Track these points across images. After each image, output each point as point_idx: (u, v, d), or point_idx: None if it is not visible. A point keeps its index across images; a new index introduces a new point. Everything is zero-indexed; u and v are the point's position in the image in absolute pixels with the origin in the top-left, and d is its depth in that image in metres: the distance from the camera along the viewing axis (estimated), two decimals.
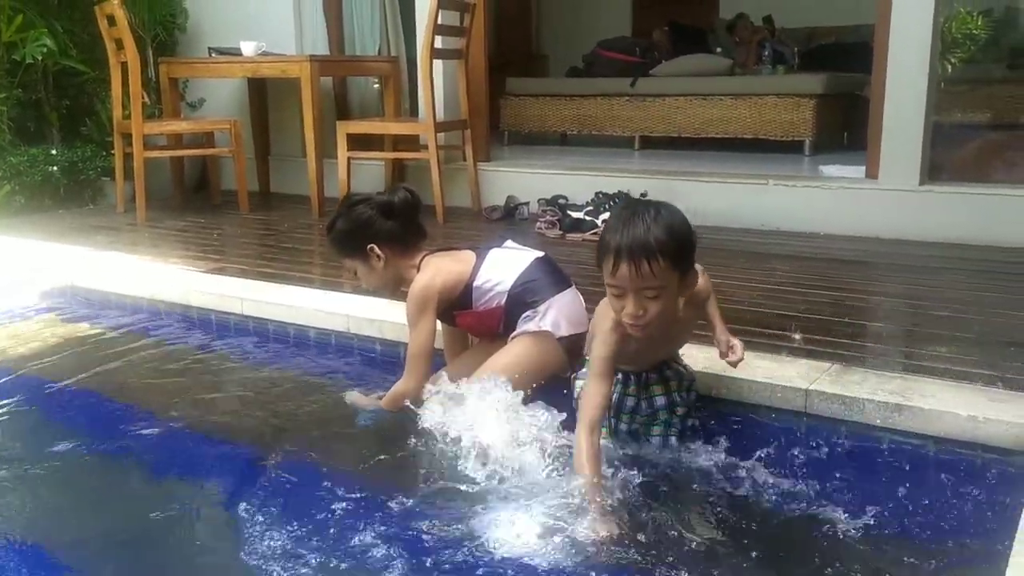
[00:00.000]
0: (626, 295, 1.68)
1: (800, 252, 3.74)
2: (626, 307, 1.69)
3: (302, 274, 3.47)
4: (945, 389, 2.05)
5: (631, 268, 1.64)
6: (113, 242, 4.09)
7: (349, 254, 2.34)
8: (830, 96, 5.64)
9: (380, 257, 2.28)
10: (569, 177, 4.74)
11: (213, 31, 5.75)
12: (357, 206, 2.30)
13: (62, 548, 1.73)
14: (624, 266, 1.65)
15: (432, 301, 2.23)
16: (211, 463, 2.17)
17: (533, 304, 2.21)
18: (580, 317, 2.25)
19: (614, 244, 1.65)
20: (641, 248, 1.64)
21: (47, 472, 2.05)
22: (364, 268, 2.33)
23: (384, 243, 2.28)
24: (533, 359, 2.20)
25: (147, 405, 2.46)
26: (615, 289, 1.69)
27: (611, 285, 1.69)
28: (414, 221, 2.33)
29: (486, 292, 2.26)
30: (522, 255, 2.33)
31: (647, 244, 1.65)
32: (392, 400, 2.27)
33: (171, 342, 3.00)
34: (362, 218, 2.27)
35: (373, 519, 1.82)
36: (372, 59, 5.62)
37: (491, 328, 2.31)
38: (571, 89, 6.46)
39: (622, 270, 1.65)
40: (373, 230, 2.27)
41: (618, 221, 1.71)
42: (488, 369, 2.18)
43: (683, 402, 2.05)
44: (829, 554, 1.63)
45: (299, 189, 5.29)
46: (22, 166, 4.95)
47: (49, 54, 5.01)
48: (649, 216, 1.68)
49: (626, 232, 1.65)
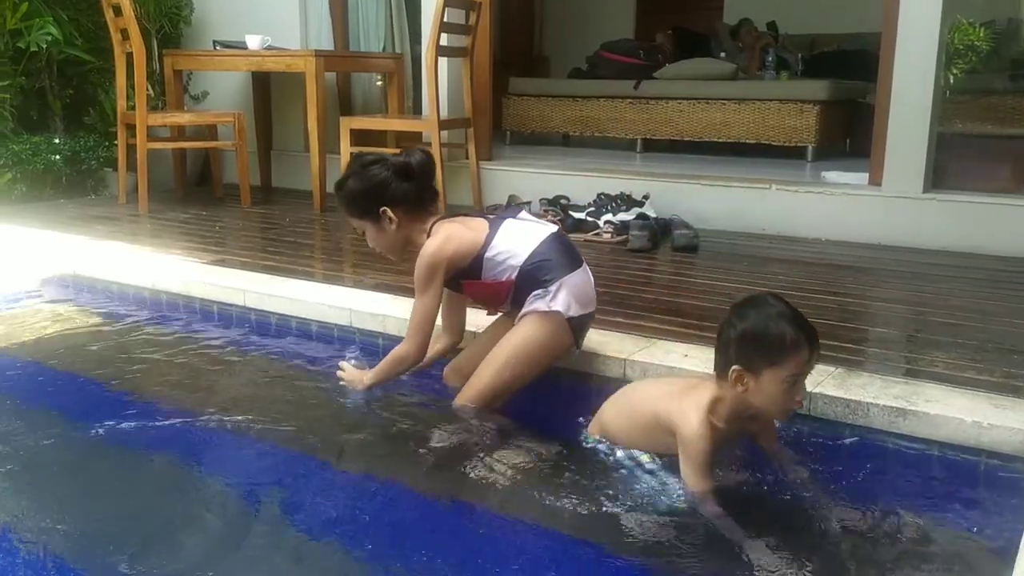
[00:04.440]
0: (799, 382, 1.77)
1: (802, 257, 3.75)
2: (798, 393, 1.77)
3: (304, 268, 3.46)
4: (950, 394, 2.05)
5: (815, 355, 1.76)
6: (115, 232, 4.08)
7: (359, 215, 2.26)
8: (833, 102, 5.65)
9: (392, 220, 2.22)
10: (571, 178, 4.74)
11: (218, 24, 5.74)
12: (372, 166, 2.22)
13: (60, 538, 1.72)
14: (816, 354, 1.76)
15: (441, 267, 2.18)
16: (211, 452, 2.17)
17: (545, 283, 2.17)
18: (590, 297, 2.25)
19: (805, 336, 1.73)
20: (817, 335, 1.77)
21: (43, 459, 2.05)
22: (374, 230, 2.26)
23: (398, 206, 2.21)
24: (542, 340, 2.18)
25: (147, 394, 2.46)
26: (794, 377, 1.75)
27: (794, 374, 1.74)
28: (429, 184, 2.27)
29: (497, 264, 2.20)
30: (538, 229, 2.27)
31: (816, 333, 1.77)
32: (392, 365, 2.24)
33: (172, 332, 3.00)
34: (377, 179, 2.20)
35: (377, 508, 1.82)
36: (377, 55, 5.61)
37: (497, 300, 2.27)
38: (574, 90, 6.46)
39: (814, 359, 1.76)
40: (388, 192, 2.20)
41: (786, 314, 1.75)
42: (500, 350, 2.19)
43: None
44: (827, 554, 1.64)
45: (301, 184, 5.28)
46: (24, 154, 4.94)
47: (54, 43, 4.99)
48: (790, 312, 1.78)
49: (804, 324, 1.75)
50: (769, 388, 1.75)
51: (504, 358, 2.19)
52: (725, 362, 1.79)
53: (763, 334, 1.74)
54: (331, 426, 2.29)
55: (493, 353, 2.20)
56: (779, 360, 1.73)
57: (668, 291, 3.21)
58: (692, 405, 1.82)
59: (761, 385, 1.75)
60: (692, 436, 1.79)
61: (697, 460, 1.79)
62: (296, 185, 5.47)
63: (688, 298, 3.06)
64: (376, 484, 1.97)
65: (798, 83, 5.94)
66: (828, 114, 5.57)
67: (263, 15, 5.51)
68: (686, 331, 2.58)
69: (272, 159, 5.75)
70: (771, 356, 1.73)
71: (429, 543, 1.69)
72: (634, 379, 2.30)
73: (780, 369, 1.73)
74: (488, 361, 2.21)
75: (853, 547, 1.67)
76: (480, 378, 2.21)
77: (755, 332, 1.75)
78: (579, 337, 2.26)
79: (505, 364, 2.18)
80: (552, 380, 2.36)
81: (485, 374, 2.20)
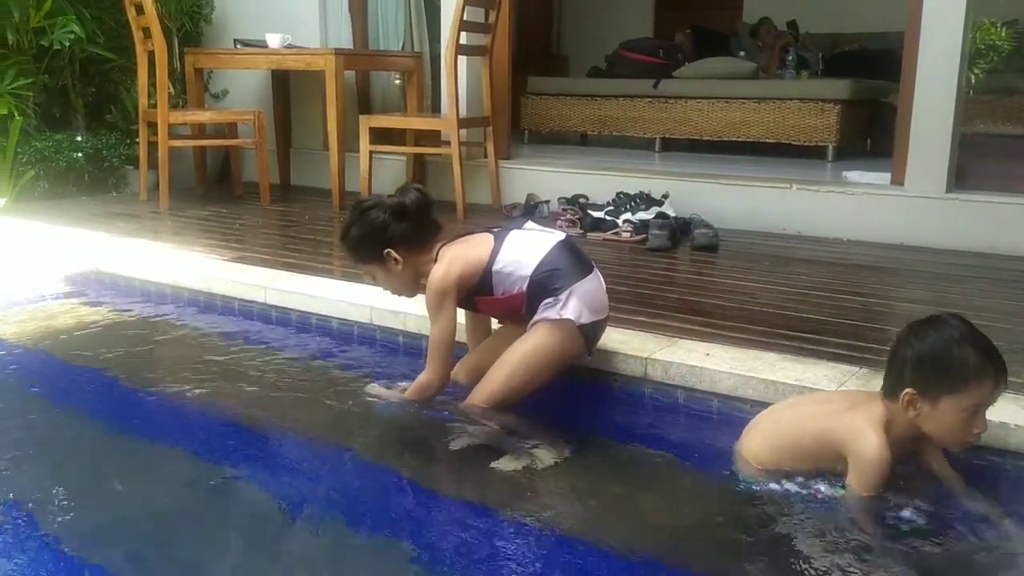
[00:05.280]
0: (980, 412, 1.70)
1: (823, 257, 3.73)
2: (978, 424, 1.70)
3: (323, 265, 3.47)
4: None
5: (1004, 385, 1.69)
6: (136, 229, 4.11)
7: (366, 259, 2.31)
8: (854, 102, 5.61)
9: (398, 260, 2.24)
10: (590, 177, 4.73)
11: (239, 23, 5.77)
12: (370, 211, 2.25)
13: (77, 532, 1.73)
14: (1002, 385, 1.69)
15: (451, 291, 2.20)
16: (231, 447, 2.17)
17: (555, 291, 2.17)
18: (602, 303, 2.25)
19: (992, 365, 1.66)
20: (1005, 366, 1.69)
21: (64, 454, 2.06)
22: (382, 272, 2.30)
23: (400, 245, 2.24)
24: (553, 348, 2.18)
25: (168, 390, 2.47)
26: (975, 407, 1.68)
27: (975, 404, 1.68)
28: (428, 219, 2.28)
29: (506, 277, 2.21)
30: (544, 238, 2.27)
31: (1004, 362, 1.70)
32: (416, 392, 2.26)
33: (193, 328, 3.01)
34: (376, 223, 2.23)
35: (394, 505, 1.82)
36: (396, 54, 5.62)
37: (514, 312, 2.27)
38: (593, 89, 6.45)
39: (1000, 389, 1.69)
40: (388, 234, 2.23)
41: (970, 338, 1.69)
42: (512, 356, 2.19)
43: None
44: (850, 556, 1.62)
45: (320, 182, 5.30)
46: (47, 151, 4.98)
47: (77, 41, 5.03)
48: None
49: (991, 351, 1.68)
50: (946, 417, 1.67)
51: (515, 364, 2.19)
52: (897, 383, 1.71)
53: (944, 359, 1.65)
54: (351, 425, 2.29)
55: (504, 358, 2.20)
56: (960, 388, 1.64)
57: (689, 290, 3.19)
58: (866, 423, 1.72)
59: (937, 413, 1.68)
60: (874, 458, 1.69)
61: (873, 482, 1.70)
62: (315, 183, 5.49)
63: (709, 297, 3.04)
64: (395, 479, 1.97)
65: (819, 82, 5.90)
66: (849, 113, 5.53)
67: (283, 14, 5.53)
68: (708, 330, 2.57)
69: (291, 157, 5.78)
70: (951, 384, 1.65)
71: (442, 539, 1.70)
72: (656, 377, 2.29)
73: (961, 398, 1.65)
74: (499, 365, 2.21)
75: (872, 547, 1.65)
76: (491, 381, 2.21)
77: (935, 356, 1.67)
78: (591, 343, 2.25)
79: (515, 370, 2.19)
80: (573, 379, 2.36)
81: (496, 378, 2.20)
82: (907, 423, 1.72)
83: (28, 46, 5.01)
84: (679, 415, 2.26)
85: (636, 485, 1.94)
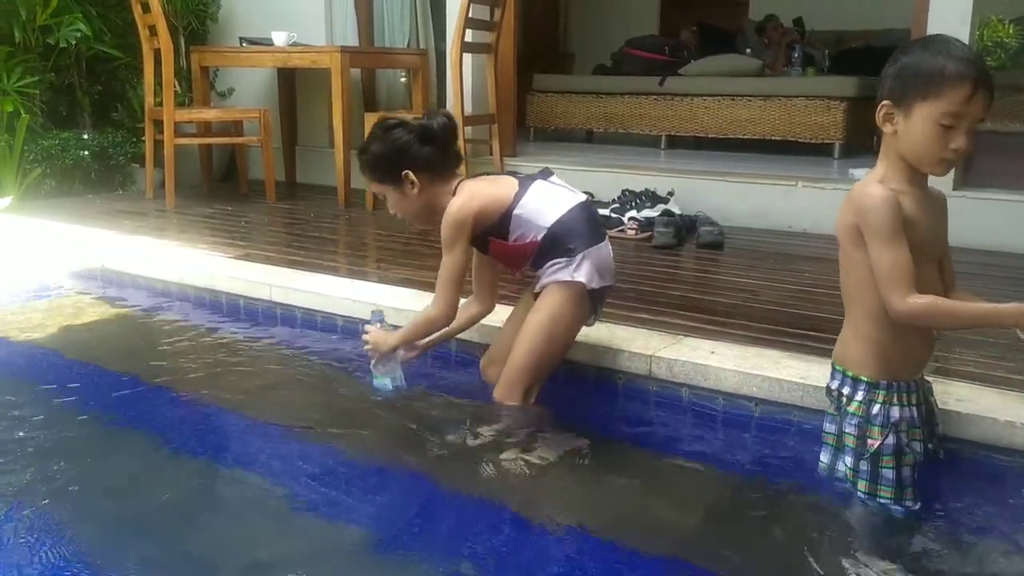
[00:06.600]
0: (959, 127, 1.56)
1: (829, 255, 3.66)
2: (954, 140, 1.56)
3: (329, 263, 3.48)
4: (982, 394, 2.02)
5: (985, 98, 1.55)
6: (142, 227, 4.12)
7: (380, 179, 2.25)
8: (861, 99, 5.59)
9: (414, 184, 2.20)
10: (595, 174, 4.73)
11: (244, 21, 5.78)
12: (393, 130, 2.21)
13: (83, 528, 1.74)
14: (981, 93, 1.54)
15: (467, 225, 2.15)
16: (236, 445, 2.18)
17: (570, 251, 2.15)
18: (610, 269, 2.25)
19: (972, 72, 1.53)
20: (991, 80, 1.55)
21: (69, 451, 2.06)
22: (396, 195, 2.24)
23: (420, 170, 2.19)
24: (568, 312, 2.18)
25: (173, 387, 2.47)
26: (950, 117, 1.55)
27: (949, 113, 1.54)
28: (451, 148, 2.25)
29: (524, 223, 2.17)
30: (567, 195, 2.24)
31: (991, 77, 1.55)
32: (420, 326, 2.26)
33: (197, 325, 3.02)
34: (398, 143, 2.18)
35: (398, 501, 1.82)
36: (401, 51, 5.62)
37: (521, 260, 2.24)
38: (599, 87, 6.44)
39: (979, 97, 1.54)
40: (409, 156, 2.18)
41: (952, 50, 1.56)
42: (527, 329, 2.19)
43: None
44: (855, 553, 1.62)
45: (325, 179, 5.30)
46: (54, 150, 4.99)
47: (83, 39, 5.04)
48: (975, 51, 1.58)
49: (976, 63, 1.55)
50: (919, 129, 1.57)
51: (532, 337, 2.18)
52: (877, 102, 1.63)
53: (921, 64, 1.56)
54: (358, 421, 2.29)
55: (521, 334, 2.20)
56: (933, 92, 1.54)
57: (694, 288, 3.19)
58: (865, 182, 1.66)
59: (911, 125, 1.58)
60: (870, 204, 1.61)
61: (880, 228, 1.60)
62: (321, 181, 5.49)
63: (714, 295, 3.04)
64: (407, 479, 1.97)
65: (825, 79, 5.88)
66: (856, 111, 5.51)
67: (289, 12, 5.54)
68: (713, 328, 2.56)
69: (297, 155, 5.78)
70: (924, 87, 1.55)
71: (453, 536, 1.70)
72: (660, 375, 2.29)
73: (933, 104, 1.55)
74: (518, 343, 2.20)
75: (879, 544, 1.65)
76: (513, 363, 2.21)
77: (912, 64, 1.57)
78: (598, 307, 2.27)
79: (533, 343, 2.18)
80: (577, 377, 2.36)
81: (517, 357, 2.20)
82: (896, 154, 1.64)
83: (35, 44, 5.03)
84: (683, 412, 2.26)
85: (642, 482, 1.94)
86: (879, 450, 1.72)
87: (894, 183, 1.65)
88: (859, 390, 1.76)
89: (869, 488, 1.75)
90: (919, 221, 1.65)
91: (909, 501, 1.74)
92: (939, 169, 1.63)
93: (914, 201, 1.65)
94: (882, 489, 1.74)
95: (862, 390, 1.75)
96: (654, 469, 2.04)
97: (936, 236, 1.74)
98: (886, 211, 1.60)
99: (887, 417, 1.73)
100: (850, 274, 1.74)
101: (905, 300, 1.60)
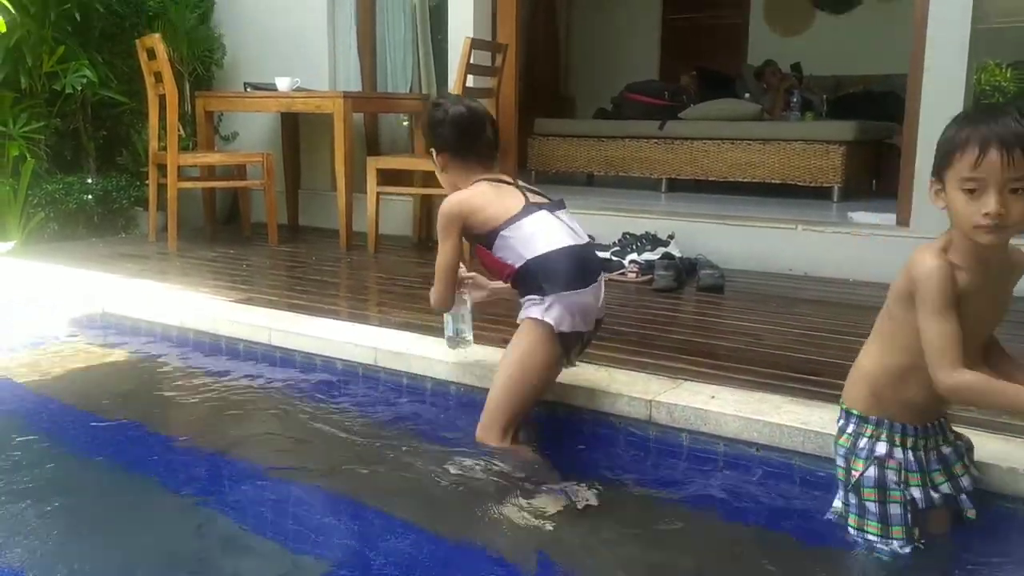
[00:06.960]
0: (986, 190, 1.53)
1: (829, 298, 3.71)
2: (987, 204, 1.52)
3: (330, 307, 3.47)
4: (985, 440, 2.00)
5: (1002, 157, 1.51)
6: (144, 270, 4.13)
7: (428, 145, 2.41)
8: (859, 143, 5.64)
9: (439, 161, 2.36)
10: (596, 217, 4.74)
11: (249, 67, 5.85)
12: (434, 106, 2.39)
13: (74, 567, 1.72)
14: (994, 153, 1.51)
15: (457, 220, 2.25)
16: (234, 491, 2.16)
17: (541, 290, 2.19)
18: (588, 316, 2.24)
19: (980, 133, 1.52)
20: (1015, 137, 1.51)
21: (67, 498, 2.04)
22: (435, 163, 2.40)
23: (442, 151, 2.35)
24: (538, 351, 2.21)
25: (172, 432, 2.46)
26: (972, 183, 1.53)
27: (969, 179, 1.53)
28: (475, 143, 2.33)
29: (507, 246, 2.23)
30: (563, 234, 2.24)
31: (1020, 134, 1.52)
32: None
33: (198, 370, 3.01)
34: (431, 119, 2.36)
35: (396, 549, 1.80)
36: (404, 96, 5.69)
37: (496, 274, 2.34)
38: (599, 131, 6.50)
39: (991, 158, 1.51)
40: (435, 134, 2.35)
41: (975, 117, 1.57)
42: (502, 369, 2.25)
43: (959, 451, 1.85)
44: None
45: (328, 223, 5.33)
46: (57, 194, 5.03)
47: (89, 85, 5.10)
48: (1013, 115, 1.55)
49: (994, 124, 1.53)
50: (952, 199, 1.57)
51: (504, 377, 2.23)
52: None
53: (943, 136, 1.59)
54: (353, 464, 2.27)
55: (496, 375, 2.26)
56: (950, 161, 1.56)
57: (694, 331, 3.18)
58: (926, 248, 1.64)
59: (948, 198, 1.58)
60: (923, 273, 1.59)
61: (931, 298, 1.58)
62: (323, 224, 5.52)
63: (715, 339, 3.03)
64: (397, 525, 1.95)
65: (824, 124, 5.93)
66: (854, 155, 5.56)
67: (293, 58, 5.61)
68: (713, 372, 2.55)
69: (300, 198, 5.82)
70: (945, 158, 1.57)
71: None
72: (660, 420, 2.27)
73: (953, 171, 1.56)
74: (493, 384, 2.26)
75: None
76: (489, 403, 2.24)
77: (941, 137, 1.59)
78: (573, 349, 2.28)
79: (505, 383, 2.22)
80: (574, 420, 2.35)
81: (491, 397, 2.24)
82: (961, 237, 1.60)
83: (41, 90, 5.10)
84: (683, 459, 2.24)
85: (639, 527, 1.92)
86: (860, 481, 1.74)
87: (955, 255, 1.63)
88: (850, 423, 1.80)
89: (857, 523, 1.76)
90: (972, 301, 1.62)
91: (898, 541, 1.72)
92: (982, 237, 1.57)
93: (972, 277, 1.62)
94: (869, 524, 1.74)
95: (853, 423, 1.79)
96: (652, 514, 2.01)
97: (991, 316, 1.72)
98: (937, 282, 1.59)
99: (871, 451, 1.74)
100: (883, 322, 1.78)
101: (951, 375, 1.59)
